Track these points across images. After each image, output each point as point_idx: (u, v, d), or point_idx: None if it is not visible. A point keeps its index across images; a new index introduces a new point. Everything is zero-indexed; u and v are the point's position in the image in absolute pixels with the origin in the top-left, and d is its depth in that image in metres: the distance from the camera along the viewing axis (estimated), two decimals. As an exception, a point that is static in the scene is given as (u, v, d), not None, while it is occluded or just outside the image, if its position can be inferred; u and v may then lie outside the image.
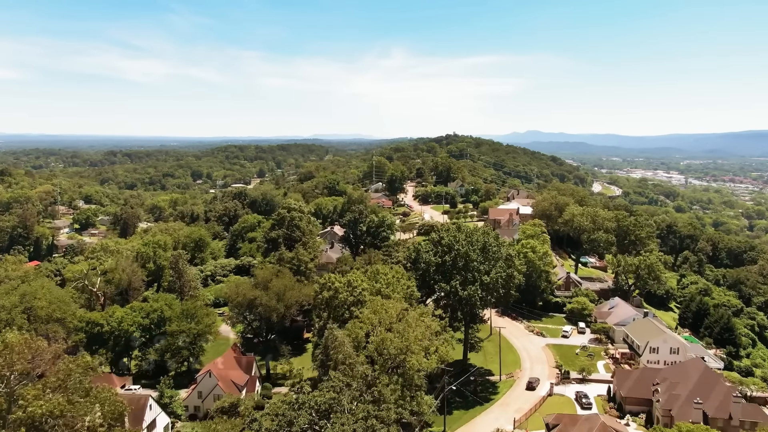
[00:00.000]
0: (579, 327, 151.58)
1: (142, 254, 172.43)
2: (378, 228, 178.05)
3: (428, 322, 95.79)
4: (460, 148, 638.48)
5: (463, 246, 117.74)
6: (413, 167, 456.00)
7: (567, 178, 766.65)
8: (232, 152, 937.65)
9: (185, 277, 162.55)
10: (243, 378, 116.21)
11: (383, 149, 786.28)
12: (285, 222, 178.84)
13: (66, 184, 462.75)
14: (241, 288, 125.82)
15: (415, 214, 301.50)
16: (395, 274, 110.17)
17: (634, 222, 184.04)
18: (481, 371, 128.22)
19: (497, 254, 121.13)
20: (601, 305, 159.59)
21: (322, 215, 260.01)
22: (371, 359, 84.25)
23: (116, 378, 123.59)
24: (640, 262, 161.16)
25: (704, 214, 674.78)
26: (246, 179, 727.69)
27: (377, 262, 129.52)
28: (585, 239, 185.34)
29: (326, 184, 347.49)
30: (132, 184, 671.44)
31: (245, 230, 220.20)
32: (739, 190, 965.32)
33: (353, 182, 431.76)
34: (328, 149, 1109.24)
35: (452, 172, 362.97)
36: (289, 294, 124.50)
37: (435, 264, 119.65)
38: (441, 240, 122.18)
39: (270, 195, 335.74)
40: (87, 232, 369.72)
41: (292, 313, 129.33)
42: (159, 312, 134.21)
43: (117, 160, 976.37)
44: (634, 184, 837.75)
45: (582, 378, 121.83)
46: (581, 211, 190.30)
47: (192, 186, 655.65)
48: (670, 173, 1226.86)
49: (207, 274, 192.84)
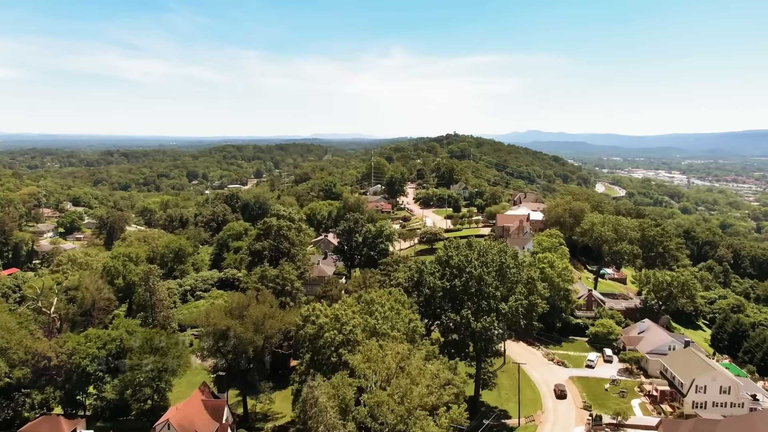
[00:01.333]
0: (605, 355, 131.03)
1: (110, 269, 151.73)
2: (375, 239, 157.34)
3: (435, 368, 75.49)
4: (461, 148, 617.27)
5: (476, 268, 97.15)
6: (414, 168, 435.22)
7: (570, 178, 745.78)
8: (229, 152, 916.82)
9: (157, 295, 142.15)
10: (210, 427, 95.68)
11: (383, 149, 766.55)
12: (271, 232, 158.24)
13: (52, 186, 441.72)
14: (212, 316, 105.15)
15: (416, 218, 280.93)
16: (394, 304, 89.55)
17: (660, 232, 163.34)
18: (496, 412, 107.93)
19: (516, 277, 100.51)
20: (629, 328, 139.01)
21: (316, 221, 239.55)
22: (363, 427, 63.89)
23: (65, 421, 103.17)
24: (673, 279, 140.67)
25: (710, 216, 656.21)
26: (243, 180, 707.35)
27: (373, 284, 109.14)
28: (606, 251, 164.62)
29: (322, 187, 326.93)
30: (126, 185, 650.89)
31: (231, 238, 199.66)
32: (742, 191, 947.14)
33: (351, 184, 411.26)
34: (327, 149, 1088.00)
35: (455, 174, 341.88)
36: (269, 323, 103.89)
37: (442, 288, 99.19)
38: (449, 260, 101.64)
39: (263, 198, 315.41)
40: (72, 237, 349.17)
41: (273, 344, 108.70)
42: (118, 342, 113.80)
43: (114, 160, 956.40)
44: (637, 184, 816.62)
45: (617, 424, 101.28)
46: (602, 219, 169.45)
47: (187, 187, 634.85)
48: (672, 173, 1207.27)
49: (186, 288, 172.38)
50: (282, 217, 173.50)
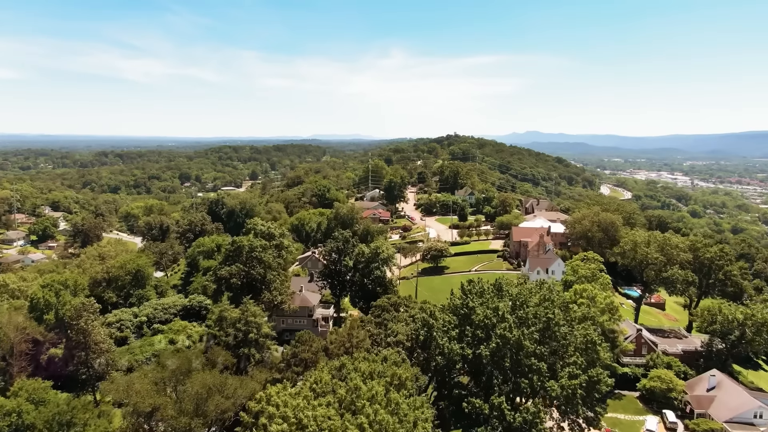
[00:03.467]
0: (667, 420, 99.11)
1: (37, 302, 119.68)
2: (369, 263, 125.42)
3: None
4: (463, 149, 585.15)
5: (512, 329, 65.41)
6: (414, 171, 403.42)
7: (575, 180, 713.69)
8: (226, 153, 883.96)
9: (92, 338, 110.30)
10: None
11: (382, 150, 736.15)
12: (242, 254, 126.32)
13: (29, 190, 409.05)
14: (135, 389, 73.35)
15: (418, 228, 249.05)
16: (391, 392, 57.56)
17: (719, 253, 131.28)
18: None
19: (569, 338, 68.82)
20: (694, 382, 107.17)
21: (305, 233, 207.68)
22: None
23: None
24: (747, 317, 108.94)
25: (720, 219, 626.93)
26: (237, 182, 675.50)
27: (362, 342, 77.06)
28: (652, 276, 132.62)
29: (315, 192, 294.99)
30: (116, 187, 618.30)
31: (201, 255, 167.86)
32: (748, 192, 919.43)
33: (348, 187, 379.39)
34: (325, 150, 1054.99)
35: (460, 178, 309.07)
36: (215, 402, 71.98)
37: (460, 356, 67.54)
38: (470, 313, 69.91)
39: (250, 204, 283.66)
40: (45, 245, 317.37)
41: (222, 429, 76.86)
42: (16, 416, 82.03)
43: (108, 161, 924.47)
44: (643, 186, 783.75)
45: None
46: (646, 237, 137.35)
47: (179, 189, 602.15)
48: (675, 174, 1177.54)
49: (142, 320, 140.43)
50: (259, 232, 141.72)
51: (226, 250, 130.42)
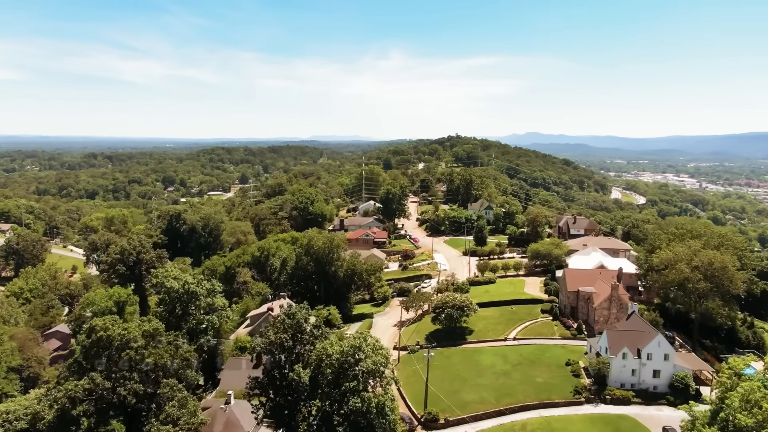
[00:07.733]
0: None
1: None
2: (341, 373, 64.07)
3: None
4: (467, 151, 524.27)
5: None
6: (415, 176, 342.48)
7: (586, 184, 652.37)
8: (218, 155, 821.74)
9: None
10: None
11: (381, 151, 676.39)
12: (108, 356, 65.53)
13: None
14: None
15: (423, 254, 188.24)
16: None
17: None
18: None
19: None
20: None
21: (269, 269, 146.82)
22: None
23: None
24: None
25: (743, 226, 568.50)
26: (225, 186, 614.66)
27: None
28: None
29: (296, 204, 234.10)
30: (94, 192, 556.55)
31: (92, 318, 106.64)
32: (760, 195, 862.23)
33: (341, 195, 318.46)
34: (323, 151, 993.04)
35: (473, 188, 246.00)
36: None
37: None
38: None
39: (214, 221, 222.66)
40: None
41: None
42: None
43: (96, 162, 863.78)
44: (656, 190, 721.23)
45: None
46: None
47: (160, 194, 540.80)
48: (681, 176, 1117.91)
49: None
50: (170, 291, 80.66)
51: (81, 344, 69.32)
